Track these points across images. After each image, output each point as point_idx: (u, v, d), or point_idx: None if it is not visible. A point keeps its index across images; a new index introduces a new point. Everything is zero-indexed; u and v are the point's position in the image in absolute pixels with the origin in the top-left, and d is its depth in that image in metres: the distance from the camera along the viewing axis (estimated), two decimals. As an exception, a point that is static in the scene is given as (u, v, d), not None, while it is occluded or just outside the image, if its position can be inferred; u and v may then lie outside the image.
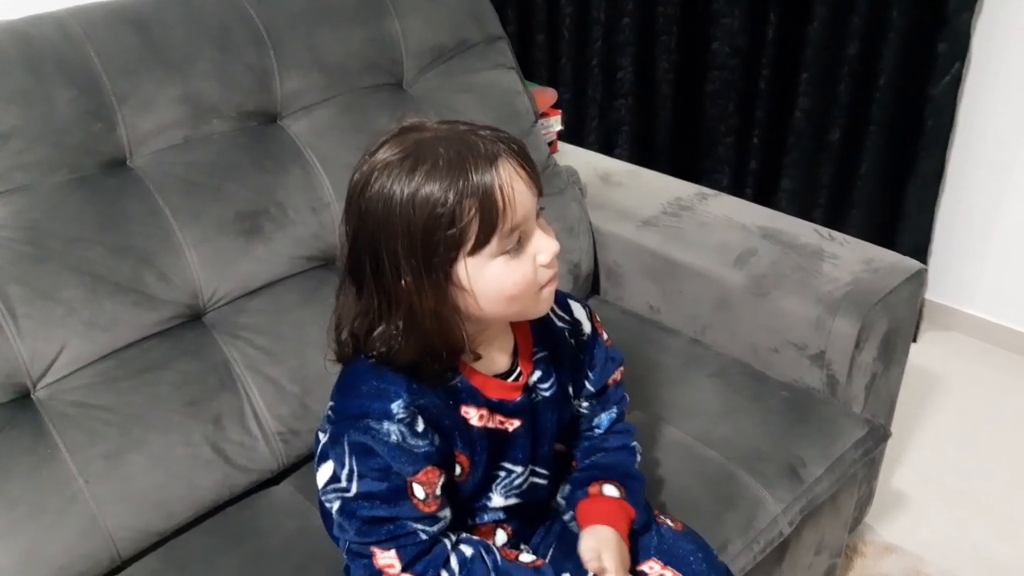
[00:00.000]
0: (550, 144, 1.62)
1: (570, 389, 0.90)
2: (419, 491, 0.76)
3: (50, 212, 1.00)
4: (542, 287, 0.76)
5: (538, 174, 0.74)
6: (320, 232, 1.18)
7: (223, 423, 1.05)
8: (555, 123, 1.66)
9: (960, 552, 1.53)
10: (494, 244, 0.71)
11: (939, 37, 1.77)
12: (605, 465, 0.91)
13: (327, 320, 0.81)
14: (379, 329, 0.75)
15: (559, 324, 0.90)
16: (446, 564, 0.77)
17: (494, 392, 0.82)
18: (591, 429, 0.94)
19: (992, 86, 1.86)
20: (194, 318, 1.09)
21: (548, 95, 1.66)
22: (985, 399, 1.92)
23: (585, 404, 0.94)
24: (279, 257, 1.15)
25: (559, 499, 0.92)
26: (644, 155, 2.31)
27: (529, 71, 2.33)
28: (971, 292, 2.07)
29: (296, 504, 1.08)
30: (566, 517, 0.91)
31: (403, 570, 0.76)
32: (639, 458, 0.94)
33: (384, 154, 0.72)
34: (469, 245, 0.70)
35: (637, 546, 0.89)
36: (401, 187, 0.69)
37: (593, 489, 0.88)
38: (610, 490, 0.88)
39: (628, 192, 1.53)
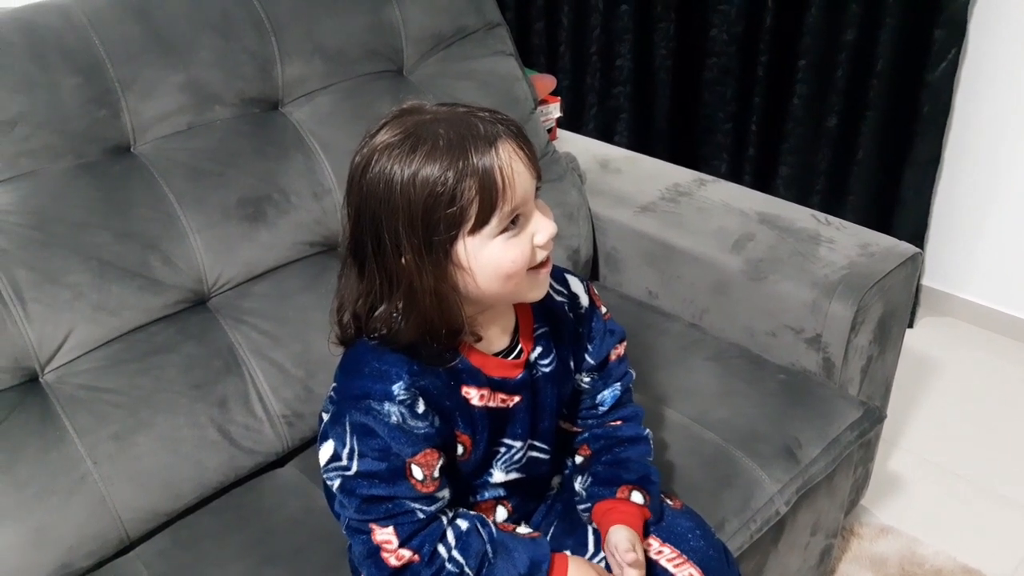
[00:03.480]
0: (549, 131, 1.63)
1: (571, 363, 0.92)
2: (417, 472, 0.77)
3: (56, 198, 1.02)
4: (537, 268, 0.77)
5: (536, 156, 0.76)
6: (322, 218, 1.20)
7: (229, 406, 1.07)
8: (554, 110, 1.67)
9: (955, 533, 1.55)
10: (494, 224, 0.72)
11: (936, 23, 1.78)
12: (626, 462, 0.92)
13: (330, 304, 0.82)
14: (380, 309, 0.76)
15: (558, 299, 0.91)
16: (443, 538, 0.79)
17: (495, 371, 0.83)
18: (595, 407, 0.95)
19: (988, 72, 1.86)
20: (199, 303, 1.11)
21: (547, 82, 1.67)
22: (981, 383, 1.94)
23: (587, 379, 0.95)
24: (282, 242, 1.16)
25: (579, 489, 0.93)
26: (643, 142, 2.32)
27: (528, 58, 2.34)
28: (968, 278, 2.09)
29: (301, 485, 1.10)
30: (581, 507, 0.92)
31: (400, 545, 0.77)
32: (652, 446, 0.96)
33: (384, 136, 0.73)
34: (469, 224, 0.72)
35: None
36: (402, 167, 0.70)
37: (622, 493, 0.89)
38: (637, 497, 0.89)
39: (627, 178, 1.54)
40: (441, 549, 0.78)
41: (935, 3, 1.76)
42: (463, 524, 0.81)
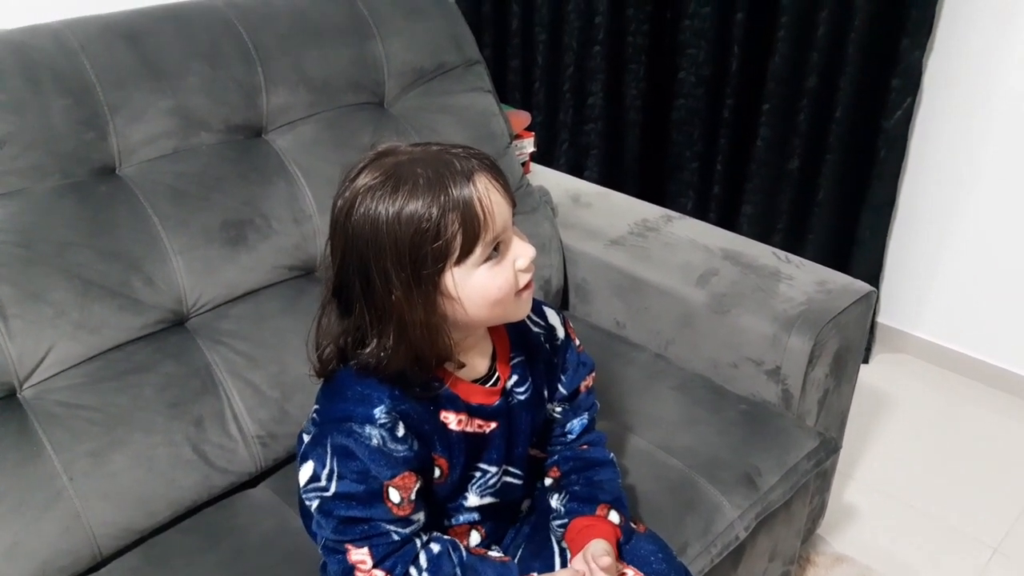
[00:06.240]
0: (523, 165, 1.68)
1: (544, 392, 0.95)
2: (394, 495, 0.80)
3: (42, 216, 1.03)
4: (521, 290, 0.81)
5: (510, 185, 0.80)
6: (302, 243, 1.23)
7: (204, 425, 1.08)
8: (528, 145, 1.72)
9: (907, 563, 1.60)
10: (477, 253, 0.76)
11: (893, 73, 1.86)
12: (600, 484, 0.96)
13: (307, 328, 0.84)
14: (371, 345, 0.78)
15: (535, 329, 0.95)
16: (415, 561, 0.81)
17: (473, 397, 0.86)
18: (564, 435, 0.99)
19: (942, 120, 1.95)
20: (178, 323, 1.13)
21: (522, 117, 1.72)
22: (933, 419, 2.00)
23: (558, 408, 0.98)
24: (262, 266, 1.19)
25: (557, 506, 0.96)
26: (612, 178, 2.38)
27: (503, 94, 2.39)
28: (921, 316, 2.16)
29: (273, 505, 1.11)
30: (557, 523, 0.95)
31: (374, 566, 0.79)
32: (618, 469, 0.99)
33: (365, 179, 0.76)
34: (455, 256, 0.75)
35: None
36: (386, 207, 0.73)
37: (600, 511, 0.93)
38: (614, 517, 0.93)
39: (597, 213, 1.59)
40: (413, 572, 0.81)
41: (892, 54, 1.85)
42: (435, 547, 0.83)
